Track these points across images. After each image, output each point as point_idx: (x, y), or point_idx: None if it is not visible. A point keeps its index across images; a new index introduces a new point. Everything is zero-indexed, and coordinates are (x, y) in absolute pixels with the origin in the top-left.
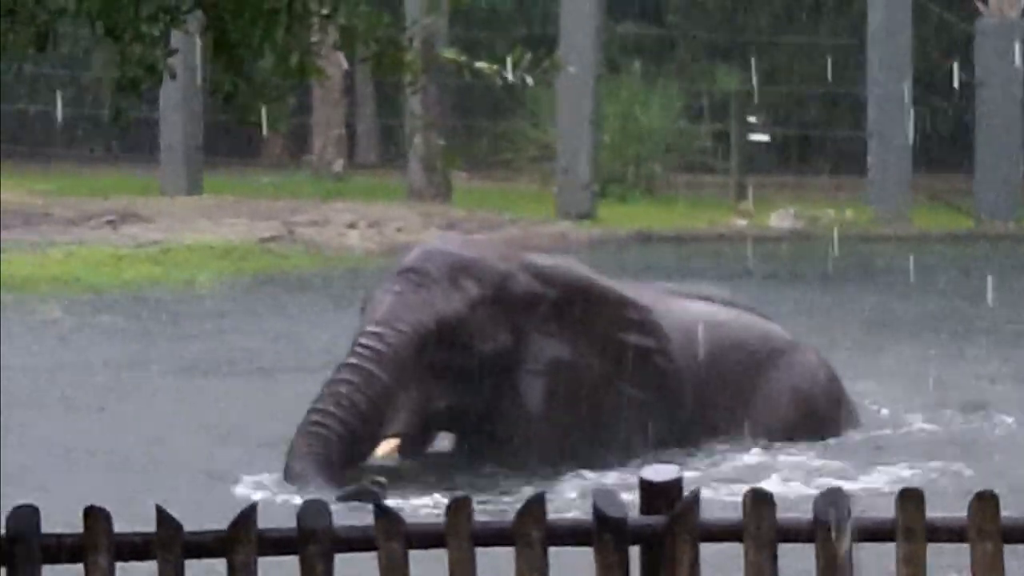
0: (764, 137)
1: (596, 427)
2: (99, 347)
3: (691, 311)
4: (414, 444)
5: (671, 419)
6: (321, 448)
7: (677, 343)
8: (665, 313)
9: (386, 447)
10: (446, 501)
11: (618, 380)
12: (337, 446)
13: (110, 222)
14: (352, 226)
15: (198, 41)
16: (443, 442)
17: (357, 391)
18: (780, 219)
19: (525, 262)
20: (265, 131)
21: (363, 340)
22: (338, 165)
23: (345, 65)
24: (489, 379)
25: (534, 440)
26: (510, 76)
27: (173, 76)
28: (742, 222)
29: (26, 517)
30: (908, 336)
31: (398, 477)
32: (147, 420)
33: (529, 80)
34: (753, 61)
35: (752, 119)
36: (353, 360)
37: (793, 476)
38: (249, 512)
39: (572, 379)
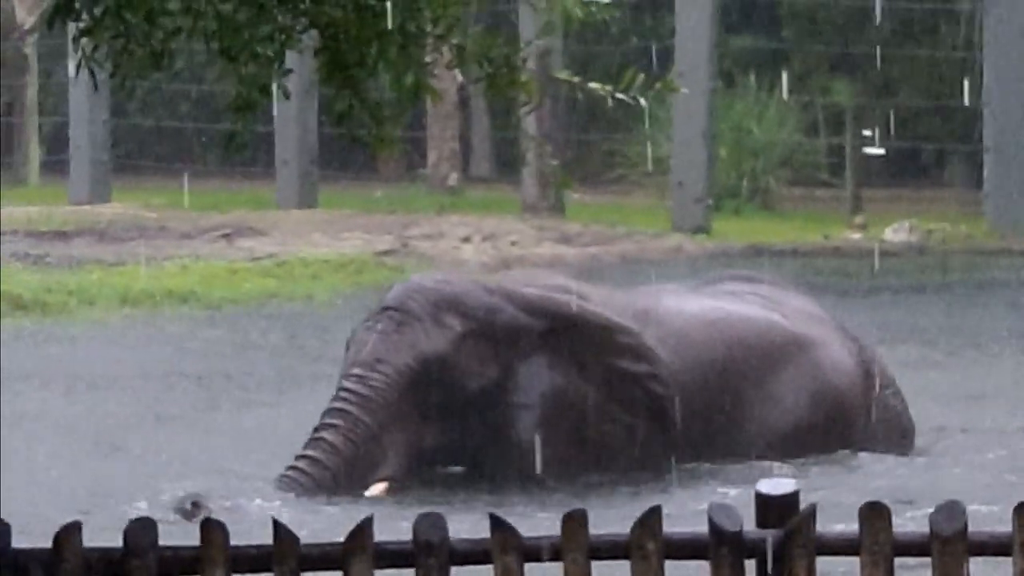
0: (879, 150)
1: (593, 458)
2: (214, 360)
3: (697, 313)
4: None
5: (667, 443)
6: (305, 494)
7: (676, 352)
8: (664, 320)
9: (375, 490)
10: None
11: (612, 408)
12: (323, 492)
13: (225, 236)
14: (467, 240)
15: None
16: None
17: (341, 436)
18: (895, 233)
19: (511, 293)
20: (377, 153)
21: (346, 383)
22: (452, 179)
23: (460, 78)
24: (479, 416)
25: (529, 473)
26: (624, 97)
27: (287, 96)
28: (857, 236)
29: (142, 530)
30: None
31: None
32: (263, 432)
33: (642, 101)
34: (868, 74)
35: (867, 132)
36: (337, 404)
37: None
38: (365, 524)
39: (565, 410)
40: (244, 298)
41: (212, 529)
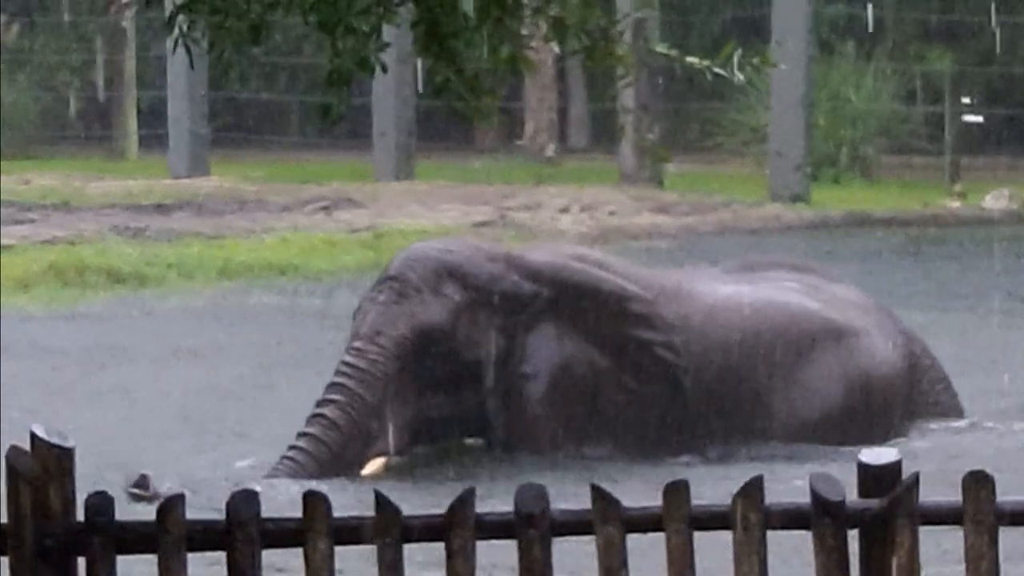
0: (978, 118)
1: (603, 429)
2: (312, 332)
3: (729, 295)
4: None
5: (681, 415)
6: (304, 472)
7: (701, 331)
8: (692, 298)
9: (373, 466)
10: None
11: (624, 377)
12: (322, 469)
13: (324, 208)
14: (565, 210)
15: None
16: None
17: (340, 411)
18: (994, 200)
19: (515, 260)
20: (475, 125)
21: (346, 358)
22: (550, 149)
23: (557, 49)
24: (482, 388)
25: (536, 446)
26: (721, 72)
27: (384, 70)
28: (956, 204)
29: (246, 501)
30: None
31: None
32: None
33: (739, 76)
34: (965, 41)
35: (966, 100)
36: (337, 379)
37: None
38: (467, 496)
39: (573, 381)
40: (342, 270)
41: (315, 500)
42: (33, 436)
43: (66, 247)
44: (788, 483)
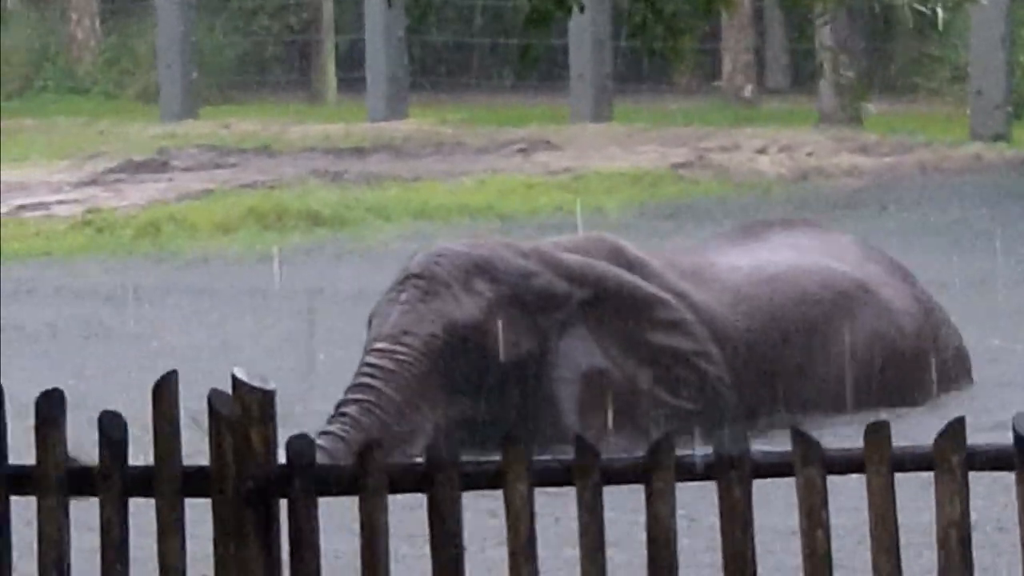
0: None
1: (637, 436)
2: None
3: (754, 268)
4: None
5: (716, 420)
6: None
7: (737, 311)
8: (718, 278)
9: None
10: None
11: (653, 386)
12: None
13: (521, 151)
14: (762, 151)
15: None
16: None
17: (366, 412)
18: None
19: (548, 258)
20: (673, 66)
21: (370, 359)
22: (748, 91)
23: None
24: (514, 390)
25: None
26: (921, 8)
27: (582, 9)
28: None
29: (445, 445)
30: None
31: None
32: None
33: (940, 13)
34: None
35: None
36: (361, 380)
37: None
38: (666, 439)
39: (607, 387)
40: (540, 212)
41: (514, 443)
42: (234, 379)
43: (266, 191)
44: None
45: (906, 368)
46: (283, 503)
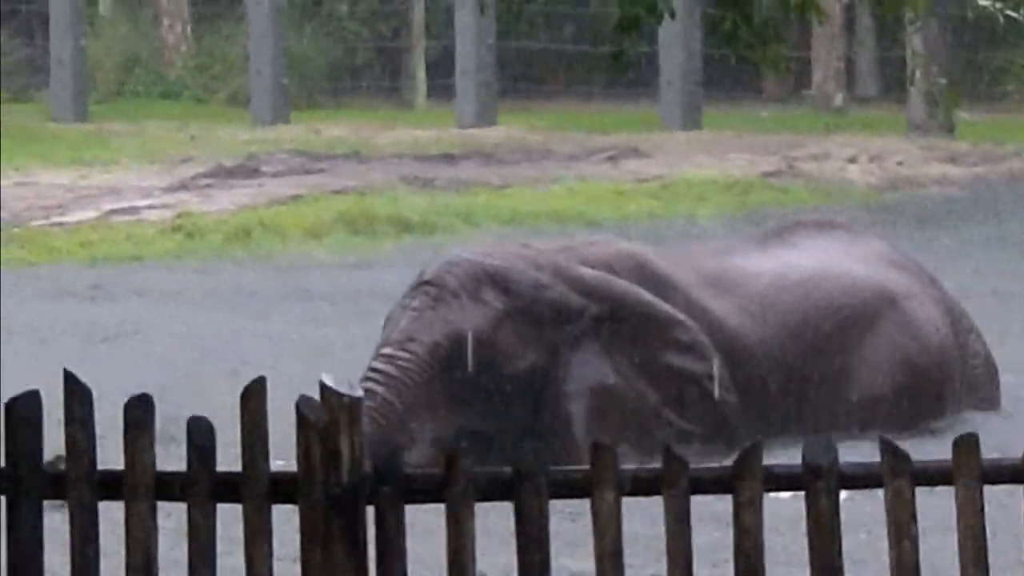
0: None
1: (647, 454)
2: None
3: (778, 274)
4: None
5: (729, 438)
6: None
7: (762, 320)
8: (741, 284)
9: None
10: None
11: (662, 407)
12: None
13: (610, 157)
14: (852, 160)
15: None
16: None
17: (367, 418)
18: None
19: (562, 270)
20: (763, 73)
21: (375, 363)
22: (838, 98)
23: None
24: (518, 403)
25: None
26: (1014, 14)
27: (673, 15)
28: None
29: (535, 456)
30: None
31: None
32: None
33: None
34: None
35: None
36: (365, 384)
37: None
38: (754, 449)
39: (616, 404)
40: (629, 219)
41: (604, 451)
42: (322, 386)
43: (356, 196)
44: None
45: (930, 376)
46: (370, 510)
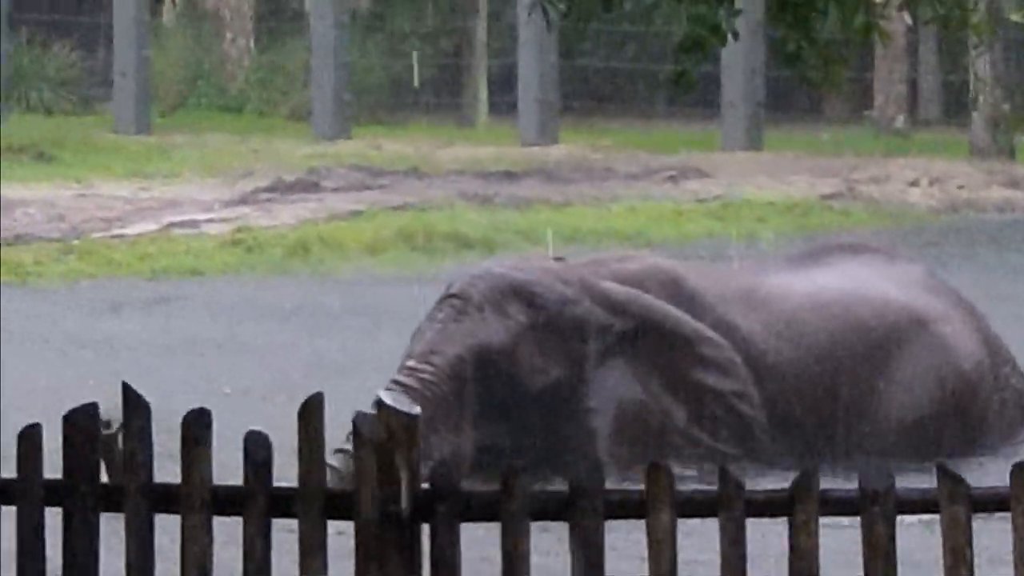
0: None
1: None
2: None
3: (808, 294)
4: None
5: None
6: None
7: (788, 340)
8: (770, 303)
9: None
10: None
11: (688, 424)
12: None
13: (671, 177)
14: (914, 183)
15: None
16: None
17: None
18: None
19: (590, 286)
20: (824, 91)
21: (397, 376)
22: (899, 121)
23: (909, 21)
24: (541, 418)
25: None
26: None
27: (736, 36)
28: None
29: (590, 473)
30: None
31: None
32: None
33: None
34: None
35: None
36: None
37: None
38: (811, 472)
39: (640, 421)
40: (690, 239)
41: (659, 472)
42: (380, 402)
43: (415, 213)
44: None
45: (961, 402)
46: (425, 528)
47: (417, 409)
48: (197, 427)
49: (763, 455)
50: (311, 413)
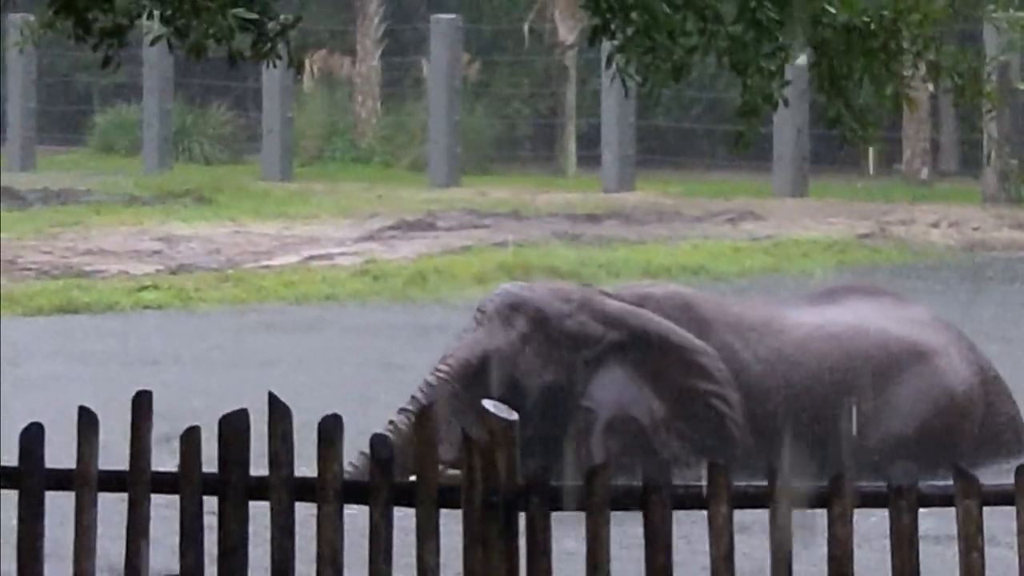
0: None
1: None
2: None
3: (818, 325)
4: None
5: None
6: (362, 474)
7: (796, 364)
8: (783, 331)
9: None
10: None
11: (672, 422)
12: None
13: (730, 220)
14: (935, 225)
15: (807, 72)
16: None
17: (407, 418)
18: None
19: (588, 303)
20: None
21: (427, 377)
22: (924, 173)
23: (931, 88)
24: (538, 418)
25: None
26: None
27: (787, 103)
28: None
29: (658, 469)
30: None
31: None
32: None
33: None
34: None
35: None
36: (414, 393)
37: None
38: (845, 471)
39: (626, 420)
40: (746, 272)
41: (718, 469)
42: (484, 410)
43: (515, 249)
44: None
45: (955, 427)
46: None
47: (515, 415)
48: (330, 429)
49: (740, 455)
50: (427, 419)
